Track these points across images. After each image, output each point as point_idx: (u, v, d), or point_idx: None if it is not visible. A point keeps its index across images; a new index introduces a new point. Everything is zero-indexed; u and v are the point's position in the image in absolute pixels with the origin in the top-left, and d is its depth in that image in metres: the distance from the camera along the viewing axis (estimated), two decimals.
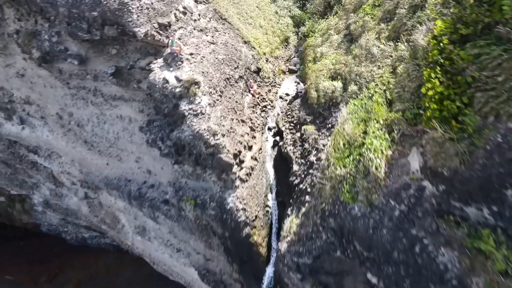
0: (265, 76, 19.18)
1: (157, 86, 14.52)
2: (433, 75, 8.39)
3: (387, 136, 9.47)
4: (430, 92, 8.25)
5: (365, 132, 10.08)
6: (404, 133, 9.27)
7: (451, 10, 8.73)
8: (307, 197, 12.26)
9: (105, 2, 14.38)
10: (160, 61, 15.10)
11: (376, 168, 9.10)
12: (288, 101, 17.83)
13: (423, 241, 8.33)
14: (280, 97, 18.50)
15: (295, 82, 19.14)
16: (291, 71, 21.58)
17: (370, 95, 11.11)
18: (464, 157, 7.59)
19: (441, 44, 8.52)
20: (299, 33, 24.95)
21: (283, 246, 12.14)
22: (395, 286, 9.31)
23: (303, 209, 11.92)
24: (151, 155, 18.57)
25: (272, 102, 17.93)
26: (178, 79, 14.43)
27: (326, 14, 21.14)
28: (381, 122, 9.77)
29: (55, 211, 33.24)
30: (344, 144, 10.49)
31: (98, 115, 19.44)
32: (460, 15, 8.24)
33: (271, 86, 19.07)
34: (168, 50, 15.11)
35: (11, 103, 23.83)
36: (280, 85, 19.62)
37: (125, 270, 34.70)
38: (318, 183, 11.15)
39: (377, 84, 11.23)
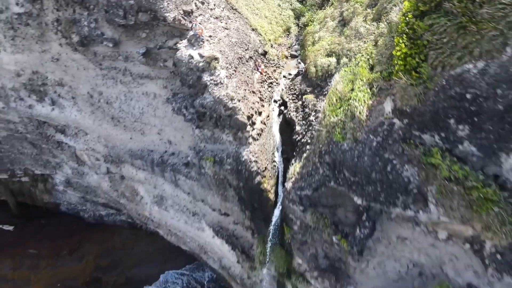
0: (271, 58, 22.20)
1: (183, 61, 17.55)
2: (400, 41, 11.41)
3: (368, 90, 12.49)
4: (398, 53, 11.27)
5: (352, 89, 13.08)
6: (381, 87, 12.28)
7: None
8: (307, 146, 15.27)
9: None
10: (185, 41, 18.12)
11: (360, 113, 12.11)
12: (291, 78, 20.86)
13: (393, 162, 11.34)
14: (284, 76, 21.51)
15: (297, 62, 22.18)
16: (293, 56, 24.55)
17: (357, 63, 14.11)
18: (420, 97, 10.61)
19: (407, 19, 11.53)
20: (300, 23, 27.80)
21: (289, 185, 15.16)
22: (373, 201, 12.32)
23: (304, 155, 14.94)
24: (173, 126, 21.57)
25: (277, 80, 20.96)
26: (201, 56, 17.48)
27: (323, 5, 24.12)
28: (364, 80, 12.78)
29: (75, 189, 36.07)
30: (336, 100, 13.48)
31: (126, 93, 22.45)
32: None
33: (276, 67, 22.09)
34: (192, 32, 18.11)
35: (44, 85, 26.80)
36: (283, 66, 22.62)
37: (140, 244, 37.73)
38: (316, 130, 14.15)
39: (362, 55, 14.23)
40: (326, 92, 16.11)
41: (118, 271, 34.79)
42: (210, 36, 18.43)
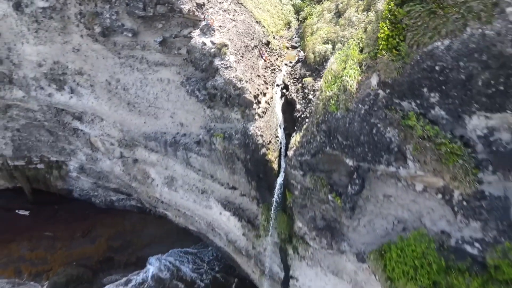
0: (273, 48, 24.47)
1: (197, 48, 19.80)
2: (384, 25, 13.68)
3: (358, 68, 14.76)
4: (382, 35, 13.54)
5: (344, 68, 15.33)
6: (368, 65, 14.56)
7: None
8: (306, 120, 17.54)
9: None
10: (198, 31, 20.37)
11: (351, 87, 14.37)
12: (291, 65, 23.15)
13: (377, 125, 13.61)
14: (285, 64, 23.77)
15: (297, 52, 24.47)
16: (293, 47, 26.79)
17: (349, 46, 16.34)
18: (399, 70, 12.89)
19: (390, 6, 13.80)
20: (299, 18, 30.02)
21: (290, 153, 17.41)
22: (362, 160, 14.59)
23: (304, 127, 17.21)
24: (185, 109, 23.85)
25: (279, 67, 23.23)
26: (212, 43, 19.73)
27: (321, 0, 26.42)
28: (355, 60, 15.05)
29: (88, 175, 38.29)
30: (331, 77, 15.71)
31: (142, 79, 24.72)
32: None
33: (278, 56, 24.36)
34: (204, 23, 20.34)
35: (63, 75, 29.06)
36: (284, 56, 24.88)
37: (149, 227, 40.04)
38: (314, 104, 16.41)
39: (354, 40, 16.47)
40: (323, 74, 18.39)
41: (129, 251, 37.07)
42: (220, 26, 20.70)
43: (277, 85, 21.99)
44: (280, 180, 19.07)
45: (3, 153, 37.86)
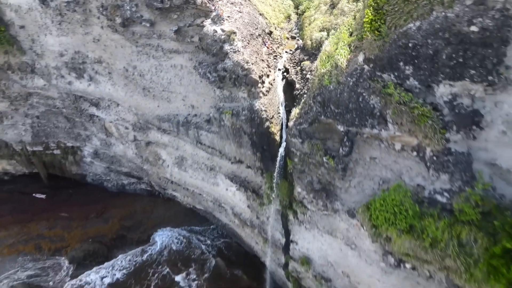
0: (275, 37, 27.26)
1: (209, 35, 22.56)
2: (368, 11, 16.49)
3: (348, 48, 17.54)
4: (367, 19, 16.35)
5: (336, 49, 18.14)
6: (356, 46, 17.35)
7: None
8: (304, 95, 20.34)
9: None
10: (209, 20, 23.12)
11: (341, 64, 17.16)
12: (291, 53, 25.95)
13: (363, 94, 16.40)
14: (286, 52, 26.58)
15: (296, 41, 27.27)
16: (293, 38, 29.55)
17: (340, 31, 19.13)
18: (380, 48, 15.68)
19: None
20: (298, 12, 32.81)
21: (291, 123, 20.20)
22: (351, 125, 17.37)
23: (302, 100, 20.03)
24: (196, 92, 26.62)
25: (280, 54, 26.00)
26: (222, 30, 22.49)
27: None
28: (345, 42, 17.83)
29: (102, 160, 41.04)
30: (325, 57, 18.48)
31: (157, 66, 27.49)
32: None
33: (279, 44, 27.14)
34: (214, 13, 23.10)
35: (83, 64, 31.82)
36: (285, 44, 27.65)
37: (158, 209, 42.92)
38: (311, 81, 19.20)
39: (345, 26, 19.28)
40: (318, 56, 21.20)
41: (141, 230, 39.91)
42: (228, 17, 23.46)
43: (279, 69, 24.75)
44: (281, 149, 21.83)
45: (23, 139, 40.60)
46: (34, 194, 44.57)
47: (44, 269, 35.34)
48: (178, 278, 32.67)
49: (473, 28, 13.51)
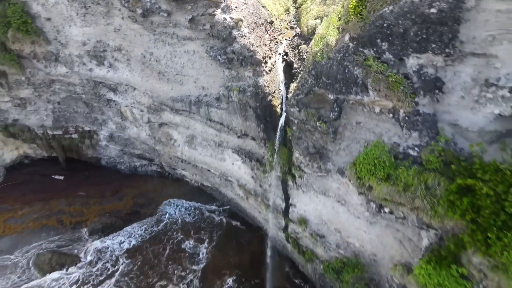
0: (276, 26, 30.96)
1: (219, 22, 26.29)
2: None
3: (336, 30, 21.27)
4: (351, 5, 20.07)
5: (327, 31, 21.86)
6: (343, 28, 21.05)
7: None
8: (301, 72, 24.08)
9: None
10: (219, 10, 26.82)
11: (331, 42, 20.89)
12: (290, 40, 29.71)
13: (348, 66, 20.11)
14: (285, 39, 30.33)
15: (295, 30, 31.03)
16: (292, 28, 33.17)
17: (331, 17, 22.86)
18: (362, 28, 19.38)
19: None
20: (296, 5, 36.44)
21: (289, 95, 23.92)
22: (339, 93, 21.04)
23: (299, 76, 23.76)
24: (206, 74, 30.32)
25: (280, 41, 29.74)
26: (231, 18, 26.20)
27: None
28: (334, 25, 21.56)
29: (116, 143, 44.75)
30: (318, 38, 22.20)
31: (171, 52, 31.20)
32: None
33: (279, 32, 30.84)
34: (224, 4, 26.83)
35: (104, 52, 35.53)
36: (285, 33, 31.40)
37: (168, 189, 46.70)
38: (306, 59, 22.91)
39: (334, 13, 23.00)
40: (313, 39, 24.94)
41: (153, 206, 43.69)
42: (235, 7, 27.17)
43: (279, 53, 28.49)
44: (282, 120, 25.51)
45: (44, 124, 44.33)
46: (53, 176, 48.23)
47: (67, 239, 38.98)
48: (190, 244, 36.39)
49: (433, 10, 17.14)
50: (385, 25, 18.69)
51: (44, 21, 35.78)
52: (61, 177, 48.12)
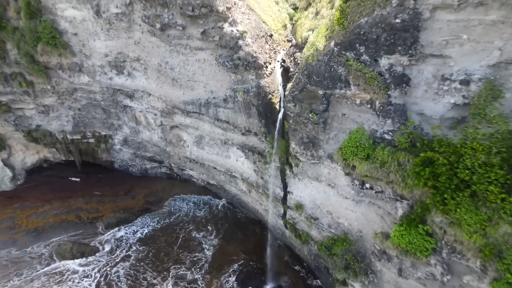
0: (275, 39, 35.96)
1: (227, 33, 31.23)
2: (337, 13, 25.09)
3: (324, 38, 26.12)
4: (336, 18, 24.91)
5: (317, 39, 26.73)
6: (329, 36, 25.90)
7: None
8: (296, 73, 28.80)
9: None
10: (227, 24, 31.69)
11: (320, 48, 25.71)
12: (287, 50, 34.66)
13: (334, 66, 24.82)
14: (283, 49, 35.28)
15: (291, 42, 36.03)
16: (288, 41, 38.22)
17: (319, 29, 27.78)
18: (344, 35, 24.15)
19: (341, 3, 25.23)
20: (292, 22, 41.60)
21: (286, 93, 28.58)
22: (327, 89, 25.67)
23: (294, 77, 28.48)
24: (215, 79, 35.07)
25: (279, 50, 34.72)
26: (237, 30, 31.09)
27: (308, 7, 38.14)
28: (323, 34, 26.45)
29: (129, 146, 49.08)
30: (310, 45, 27.05)
31: (184, 61, 36.04)
32: None
33: (278, 44, 35.82)
34: (231, 19, 31.79)
35: (124, 62, 40.36)
36: (283, 45, 36.40)
37: (176, 189, 50.89)
38: (300, 62, 27.65)
39: (323, 25, 27.93)
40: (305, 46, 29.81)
41: (162, 203, 47.72)
42: (241, 21, 32.16)
43: (278, 61, 33.35)
44: (280, 115, 30.08)
45: (64, 129, 48.76)
46: (70, 178, 52.39)
47: (85, 232, 42.85)
48: (199, 234, 40.43)
49: (397, 20, 21.86)
50: (361, 32, 23.42)
51: (70, 36, 40.60)
52: (77, 179, 52.26)
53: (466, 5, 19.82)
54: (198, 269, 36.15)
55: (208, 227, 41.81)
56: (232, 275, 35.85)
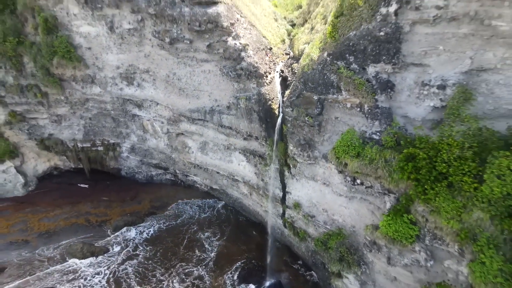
0: (274, 52, 39.23)
1: (231, 46, 34.43)
2: (329, 27, 28.27)
3: (318, 50, 29.22)
4: (328, 31, 28.07)
5: (312, 50, 29.85)
6: (323, 48, 29.01)
7: None
8: (293, 81, 31.87)
9: (210, 12, 34.45)
10: (230, 38, 34.90)
11: (314, 58, 28.79)
12: (285, 61, 37.88)
13: (327, 74, 27.79)
14: (281, 61, 38.51)
15: (289, 54, 39.29)
16: (287, 54, 41.50)
17: (314, 42, 30.95)
18: (335, 47, 27.27)
19: (332, 19, 28.42)
20: (290, 37, 44.93)
21: (285, 99, 31.57)
22: (321, 94, 28.64)
23: (292, 85, 31.51)
24: (219, 88, 38.13)
25: (278, 62, 37.93)
26: (240, 43, 34.31)
27: (304, 23, 41.59)
28: (317, 46, 29.59)
29: (136, 154, 51.79)
30: (305, 56, 30.17)
31: (191, 72, 39.17)
32: None
33: (277, 56, 39.05)
34: (234, 33, 35.04)
35: (134, 74, 43.51)
36: (281, 57, 39.66)
37: (180, 194, 53.41)
38: (297, 71, 30.75)
39: (318, 38, 31.10)
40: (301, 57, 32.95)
41: (167, 207, 50.18)
42: (243, 35, 35.44)
43: (277, 72, 36.52)
44: (279, 120, 33.01)
45: (75, 137, 51.52)
46: (79, 184, 54.92)
47: (94, 235, 45.13)
48: (204, 235, 42.88)
49: (381, 33, 24.91)
50: (351, 44, 26.49)
51: (84, 50, 43.78)
52: (86, 186, 54.76)
53: (441, 20, 22.74)
54: (204, 266, 38.44)
55: (213, 229, 44.22)
56: (234, 272, 38.12)
